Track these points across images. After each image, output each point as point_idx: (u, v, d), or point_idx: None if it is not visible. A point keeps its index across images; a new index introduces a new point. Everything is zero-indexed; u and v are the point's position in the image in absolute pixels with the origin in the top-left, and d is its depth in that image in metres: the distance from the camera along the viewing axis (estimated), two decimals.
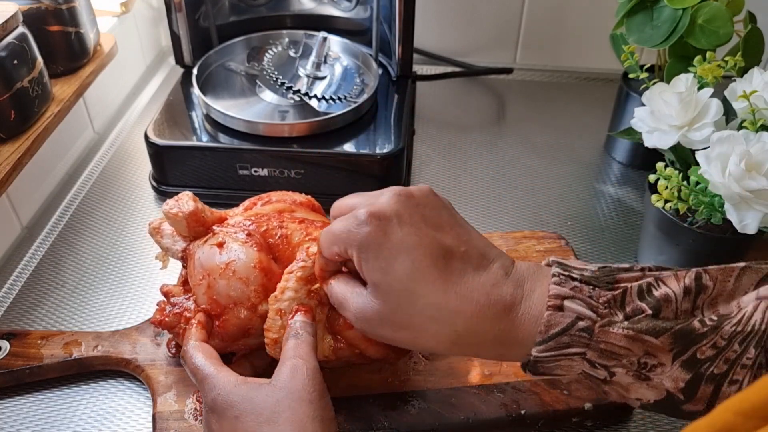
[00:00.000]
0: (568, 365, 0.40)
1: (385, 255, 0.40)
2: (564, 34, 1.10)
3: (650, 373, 0.38)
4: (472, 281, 0.40)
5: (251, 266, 0.52)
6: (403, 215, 0.41)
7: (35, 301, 0.69)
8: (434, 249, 0.41)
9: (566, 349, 0.39)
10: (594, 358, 0.39)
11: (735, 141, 0.58)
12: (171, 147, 0.79)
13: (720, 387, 0.38)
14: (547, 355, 0.39)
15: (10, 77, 0.70)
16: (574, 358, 0.39)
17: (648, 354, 0.38)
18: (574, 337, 0.39)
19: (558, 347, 0.39)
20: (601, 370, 0.39)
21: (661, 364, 0.38)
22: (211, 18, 0.92)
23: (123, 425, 0.58)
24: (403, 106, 0.86)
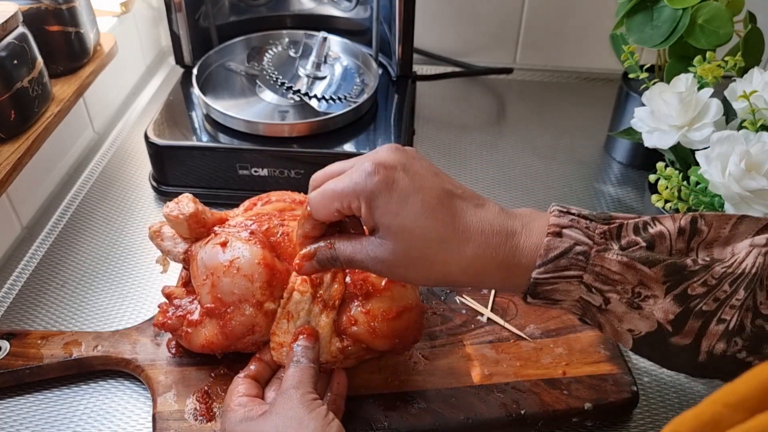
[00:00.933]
0: (566, 289, 0.42)
1: (395, 199, 0.43)
2: (564, 34, 1.10)
3: (643, 303, 0.40)
4: (474, 215, 0.44)
5: (255, 263, 0.52)
6: (405, 164, 0.44)
7: (35, 301, 0.69)
8: (438, 190, 0.44)
9: (564, 272, 0.41)
10: (590, 282, 0.41)
11: (735, 141, 0.58)
12: (171, 147, 0.79)
13: (708, 323, 0.39)
14: (546, 276, 0.41)
15: (10, 77, 0.70)
16: (572, 281, 0.41)
17: (641, 284, 0.40)
18: (572, 259, 0.41)
19: (557, 269, 0.41)
20: (596, 295, 0.41)
21: (654, 296, 0.40)
22: (211, 18, 0.92)
23: (123, 425, 0.58)
24: (403, 106, 0.86)
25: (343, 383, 0.54)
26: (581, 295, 0.42)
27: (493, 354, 0.60)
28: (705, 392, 0.61)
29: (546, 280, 0.42)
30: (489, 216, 0.44)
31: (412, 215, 0.43)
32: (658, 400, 0.60)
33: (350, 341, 0.54)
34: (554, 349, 0.61)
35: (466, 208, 0.44)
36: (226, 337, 0.54)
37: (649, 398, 0.60)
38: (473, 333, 0.63)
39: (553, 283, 0.42)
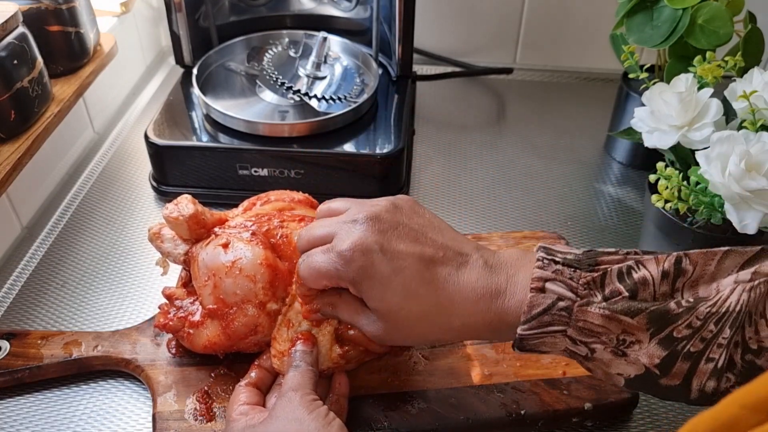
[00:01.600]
0: (552, 342, 0.43)
1: (377, 285, 0.45)
2: (564, 34, 1.11)
3: (627, 350, 0.41)
4: (457, 281, 0.45)
5: (258, 263, 0.52)
6: (383, 243, 0.45)
7: (35, 301, 0.69)
8: (418, 265, 0.45)
9: (548, 327, 0.42)
10: (574, 335, 0.42)
11: (735, 141, 0.58)
12: (171, 147, 0.79)
13: (697, 363, 0.40)
14: (531, 333, 0.42)
15: (10, 77, 0.70)
16: (556, 336, 0.42)
17: (625, 332, 0.41)
18: (555, 316, 0.42)
19: (540, 326, 0.42)
20: (581, 346, 0.42)
21: (639, 341, 0.40)
22: (211, 18, 0.92)
23: (123, 425, 0.58)
24: (403, 106, 0.86)
25: (345, 383, 0.54)
26: (567, 346, 0.43)
27: (493, 354, 0.60)
28: None
29: (531, 335, 0.43)
30: (472, 278, 0.45)
31: (395, 299, 0.45)
32: (658, 400, 0.60)
33: (350, 345, 0.55)
34: None
35: (448, 275, 0.45)
36: (228, 338, 0.54)
37: (649, 398, 0.60)
38: None
39: (538, 338, 0.43)
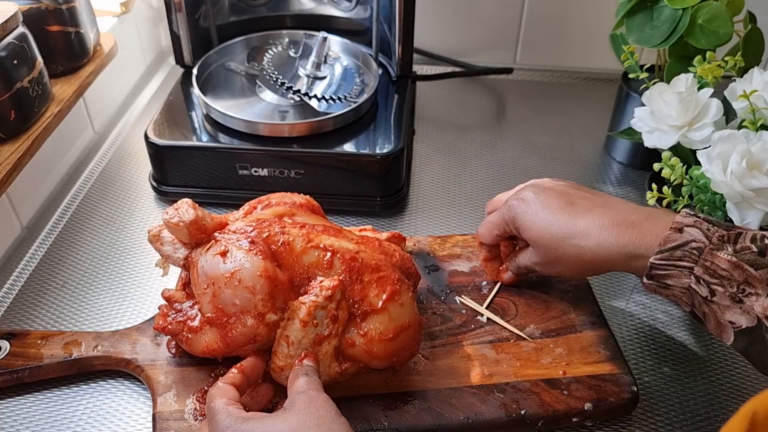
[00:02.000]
0: (678, 276, 0.48)
1: (528, 219, 0.57)
2: (564, 34, 1.10)
3: (745, 298, 0.45)
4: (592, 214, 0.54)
5: (257, 275, 0.52)
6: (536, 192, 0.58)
7: (35, 301, 0.69)
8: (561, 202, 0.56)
9: (678, 261, 0.48)
10: (700, 274, 0.47)
11: (736, 140, 0.58)
12: (171, 147, 0.79)
13: None
14: (662, 263, 0.48)
15: (10, 77, 0.70)
16: (684, 271, 0.48)
17: (747, 282, 0.45)
18: (687, 252, 0.47)
19: (672, 258, 0.48)
20: (703, 287, 0.47)
21: (757, 294, 0.45)
22: (211, 18, 0.92)
23: (123, 425, 0.58)
24: (403, 106, 0.86)
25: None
26: (690, 284, 0.47)
27: (493, 354, 0.60)
28: (705, 393, 0.61)
29: (661, 265, 0.48)
30: (610, 212, 0.53)
31: (541, 227, 0.56)
32: (658, 400, 0.60)
33: (349, 363, 0.55)
34: (554, 349, 0.61)
35: (586, 209, 0.54)
36: (227, 345, 0.54)
37: (649, 398, 0.60)
38: (473, 333, 0.63)
39: (667, 269, 0.48)
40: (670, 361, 0.64)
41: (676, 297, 0.50)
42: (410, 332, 0.55)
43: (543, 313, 0.64)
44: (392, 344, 0.54)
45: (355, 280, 0.54)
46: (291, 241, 0.55)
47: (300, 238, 0.55)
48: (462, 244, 0.72)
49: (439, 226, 0.80)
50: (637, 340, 0.66)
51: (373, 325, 0.54)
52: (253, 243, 0.54)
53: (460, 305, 0.65)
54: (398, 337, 0.54)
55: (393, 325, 0.54)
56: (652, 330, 0.67)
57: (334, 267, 0.54)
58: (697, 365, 0.63)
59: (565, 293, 0.66)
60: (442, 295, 0.66)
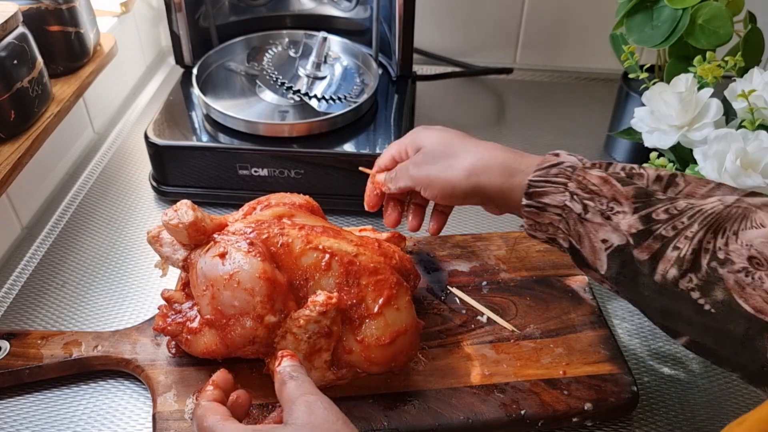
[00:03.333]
0: (554, 193, 0.50)
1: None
2: (564, 34, 1.10)
3: (613, 216, 0.47)
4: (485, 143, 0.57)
5: (256, 276, 0.52)
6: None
7: (35, 301, 0.69)
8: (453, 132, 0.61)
9: (554, 178, 0.51)
10: (573, 189, 0.49)
11: (732, 139, 0.58)
12: (171, 147, 0.79)
13: (665, 248, 0.45)
14: (539, 180, 0.51)
15: (10, 77, 0.70)
16: (559, 187, 0.50)
17: (614, 200, 0.48)
18: (561, 170, 0.51)
19: (548, 175, 0.51)
20: (577, 203, 0.49)
21: (623, 212, 0.47)
22: (211, 18, 0.92)
23: (123, 425, 0.58)
24: (403, 106, 0.86)
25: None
26: (565, 201, 0.50)
27: (493, 354, 0.60)
28: (705, 393, 0.61)
29: (538, 183, 0.51)
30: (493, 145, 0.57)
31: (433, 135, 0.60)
32: (658, 400, 0.60)
33: (347, 369, 0.55)
34: (554, 349, 0.61)
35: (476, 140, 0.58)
36: (226, 347, 0.54)
37: (649, 398, 0.60)
38: (473, 333, 0.63)
39: (543, 187, 0.51)
40: (670, 361, 0.64)
41: (553, 225, 0.51)
42: (408, 336, 0.55)
43: (543, 313, 0.64)
44: (389, 349, 0.54)
45: (352, 283, 0.54)
46: (290, 242, 0.55)
47: (299, 239, 0.55)
48: (462, 244, 0.72)
49: None
50: (637, 340, 0.66)
51: (369, 331, 0.54)
52: (252, 244, 0.54)
53: (460, 305, 0.65)
54: (395, 341, 0.54)
55: (390, 330, 0.54)
56: (652, 330, 0.67)
57: (332, 269, 0.54)
58: (697, 365, 0.63)
59: (565, 293, 0.66)
60: (442, 295, 0.66)
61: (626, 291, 0.49)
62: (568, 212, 0.50)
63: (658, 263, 0.45)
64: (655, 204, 0.46)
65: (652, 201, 0.47)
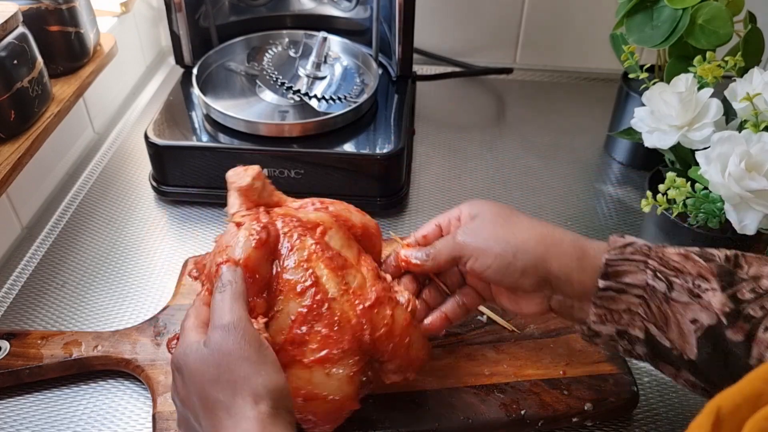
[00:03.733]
0: (634, 272, 0.46)
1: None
2: (564, 34, 1.10)
3: (702, 293, 0.44)
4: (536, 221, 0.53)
5: (239, 258, 0.51)
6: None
7: (35, 301, 0.69)
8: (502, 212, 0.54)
9: (632, 256, 0.47)
10: (655, 266, 0.46)
11: (735, 141, 0.58)
12: (171, 147, 0.79)
13: (756, 329, 0.42)
14: (617, 258, 0.47)
15: (10, 77, 0.70)
16: (639, 265, 0.46)
17: (700, 276, 0.45)
18: (637, 248, 0.47)
19: (624, 254, 0.47)
20: (661, 281, 0.46)
21: (713, 288, 0.44)
22: (211, 18, 0.92)
23: (123, 425, 0.58)
24: (403, 106, 0.86)
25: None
26: (647, 280, 0.46)
27: (493, 354, 0.60)
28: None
29: (616, 262, 0.47)
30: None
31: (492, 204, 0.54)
32: (658, 400, 0.60)
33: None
34: (554, 349, 0.61)
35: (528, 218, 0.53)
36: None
37: (649, 398, 0.60)
38: (473, 333, 0.62)
39: (622, 265, 0.47)
40: None
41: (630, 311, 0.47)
42: (325, 406, 0.50)
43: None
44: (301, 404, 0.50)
45: (309, 321, 0.50)
46: (293, 249, 0.53)
47: (304, 251, 0.52)
48: None
49: None
50: None
51: (292, 377, 0.49)
52: (263, 230, 0.52)
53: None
54: (308, 402, 0.49)
55: (307, 388, 0.49)
56: None
57: (303, 297, 0.51)
58: None
59: None
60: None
61: (716, 375, 0.45)
62: (651, 292, 0.46)
63: (753, 345, 0.42)
64: (739, 283, 0.44)
65: (735, 280, 0.44)
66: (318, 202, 0.58)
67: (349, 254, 0.54)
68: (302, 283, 0.51)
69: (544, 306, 0.51)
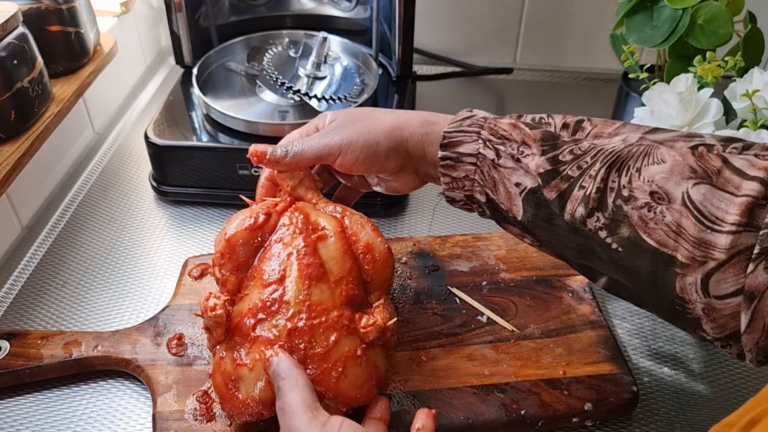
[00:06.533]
0: (468, 141, 0.51)
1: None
2: (564, 34, 1.10)
3: (523, 158, 0.49)
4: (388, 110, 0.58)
5: (225, 232, 0.55)
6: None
7: (35, 301, 0.69)
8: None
9: (468, 128, 0.52)
10: (486, 136, 0.51)
11: None
12: (171, 147, 0.79)
13: (572, 188, 0.46)
14: (453, 130, 0.52)
15: (10, 77, 0.70)
16: (472, 135, 0.51)
17: (524, 143, 0.49)
18: (474, 121, 0.52)
19: (462, 127, 0.52)
20: (490, 149, 0.50)
21: (532, 154, 0.48)
22: (211, 18, 0.92)
23: (123, 425, 0.58)
24: (403, 106, 0.86)
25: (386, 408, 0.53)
26: (479, 149, 0.51)
27: (493, 354, 0.60)
28: (705, 393, 0.61)
29: (452, 134, 0.52)
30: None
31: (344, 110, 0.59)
32: (658, 400, 0.60)
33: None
34: (554, 349, 0.61)
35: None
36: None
37: (649, 398, 0.60)
38: (473, 333, 0.63)
39: (458, 137, 0.52)
40: (670, 361, 0.64)
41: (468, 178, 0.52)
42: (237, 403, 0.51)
43: (543, 313, 0.64)
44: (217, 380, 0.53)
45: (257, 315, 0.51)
46: (282, 244, 0.54)
47: (288, 248, 0.53)
48: (462, 244, 0.72)
49: (439, 226, 0.80)
50: (637, 340, 0.66)
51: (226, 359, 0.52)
52: (264, 216, 0.55)
53: (460, 305, 0.65)
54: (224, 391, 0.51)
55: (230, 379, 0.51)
56: (652, 330, 0.67)
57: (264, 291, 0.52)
58: (697, 365, 0.63)
59: (565, 293, 0.66)
60: (443, 295, 0.66)
61: (543, 234, 0.50)
62: (482, 160, 0.51)
63: (566, 202, 0.46)
64: (561, 146, 0.48)
65: (558, 144, 0.48)
66: (339, 209, 0.57)
67: (336, 268, 0.53)
68: (270, 276, 0.52)
69: (416, 180, 0.57)
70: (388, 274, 0.56)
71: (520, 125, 0.50)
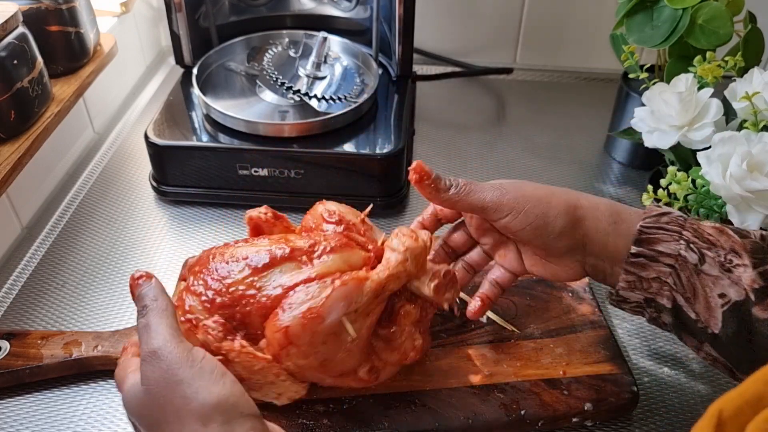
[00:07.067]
0: (668, 240, 0.47)
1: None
2: (564, 33, 1.11)
3: (733, 268, 0.44)
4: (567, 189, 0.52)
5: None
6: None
7: (35, 301, 0.69)
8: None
9: (666, 225, 0.47)
10: (688, 237, 0.46)
11: (736, 142, 0.58)
12: (171, 147, 0.79)
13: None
14: (650, 226, 0.47)
15: (10, 77, 0.70)
16: (673, 235, 0.47)
17: (733, 251, 0.45)
18: (672, 218, 0.47)
19: (659, 222, 0.47)
20: (694, 252, 0.46)
21: (744, 265, 0.44)
22: (211, 18, 0.92)
23: (123, 425, 0.58)
24: (403, 106, 0.86)
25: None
26: (680, 250, 0.46)
27: (493, 354, 0.60)
28: (705, 393, 0.61)
29: (650, 230, 0.47)
30: None
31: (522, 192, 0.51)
32: (658, 400, 0.60)
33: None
34: (554, 349, 0.61)
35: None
36: None
37: (649, 398, 0.60)
38: (473, 333, 0.63)
39: (656, 234, 0.47)
40: (670, 361, 0.64)
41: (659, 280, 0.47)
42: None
43: (543, 313, 0.64)
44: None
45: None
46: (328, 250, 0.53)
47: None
48: None
49: None
50: (637, 340, 0.66)
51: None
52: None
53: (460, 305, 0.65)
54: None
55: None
56: (652, 330, 0.67)
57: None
58: (697, 365, 0.63)
59: (565, 293, 0.66)
60: None
61: (735, 351, 0.45)
62: (682, 263, 0.46)
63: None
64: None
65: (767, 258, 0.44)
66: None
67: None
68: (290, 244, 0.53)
69: (580, 270, 0.51)
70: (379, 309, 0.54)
71: (727, 231, 0.46)
